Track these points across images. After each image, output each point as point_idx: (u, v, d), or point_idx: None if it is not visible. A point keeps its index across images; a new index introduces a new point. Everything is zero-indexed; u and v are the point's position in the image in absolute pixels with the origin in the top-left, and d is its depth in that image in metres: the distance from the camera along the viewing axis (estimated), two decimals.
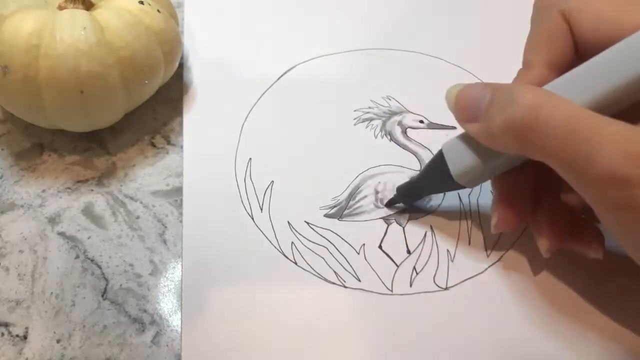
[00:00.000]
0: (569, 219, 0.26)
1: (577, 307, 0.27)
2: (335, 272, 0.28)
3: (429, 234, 0.29)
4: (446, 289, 0.27)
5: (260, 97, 0.35)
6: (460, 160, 0.25)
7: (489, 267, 0.28)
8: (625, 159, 0.19)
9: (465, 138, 0.25)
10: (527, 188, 0.26)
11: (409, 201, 0.30)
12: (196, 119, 0.34)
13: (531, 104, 0.21)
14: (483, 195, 0.30)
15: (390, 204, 0.30)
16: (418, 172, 0.30)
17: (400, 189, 0.29)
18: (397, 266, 0.28)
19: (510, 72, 0.26)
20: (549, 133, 0.20)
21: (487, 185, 0.31)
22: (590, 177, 0.20)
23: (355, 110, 0.34)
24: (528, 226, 0.28)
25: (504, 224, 0.26)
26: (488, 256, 0.28)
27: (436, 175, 0.27)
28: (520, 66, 0.26)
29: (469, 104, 0.24)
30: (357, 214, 0.30)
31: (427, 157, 0.32)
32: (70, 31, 0.28)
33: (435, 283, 0.28)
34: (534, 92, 0.21)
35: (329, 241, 0.29)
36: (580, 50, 0.25)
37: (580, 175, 0.20)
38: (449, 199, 0.30)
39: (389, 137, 0.33)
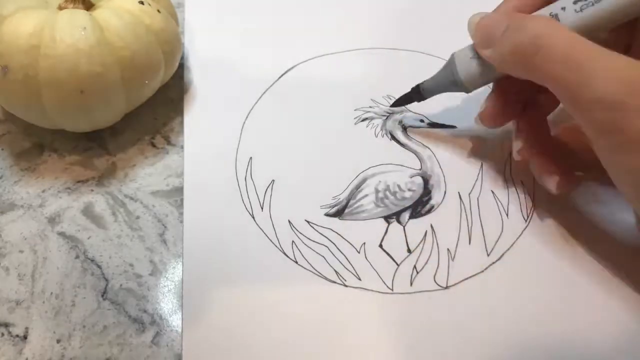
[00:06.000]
0: (548, 140, 0.29)
1: (577, 306, 0.27)
2: (335, 271, 0.28)
3: (430, 233, 0.29)
4: (446, 288, 0.27)
5: (260, 97, 0.35)
6: (467, 69, 0.28)
7: (489, 266, 0.28)
8: (617, 85, 0.21)
9: (473, 49, 0.28)
10: (522, 93, 0.28)
11: (418, 98, 0.31)
12: (196, 119, 0.34)
13: (537, 32, 0.23)
14: (483, 194, 0.30)
15: (401, 102, 0.32)
16: (432, 75, 0.31)
17: (415, 88, 0.31)
18: (398, 265, 0.28)
19: None
20: (551, 58, 0.23)
21: (487, 185, 0.31)
22: (584, 100, 0.22)
23: (355, 110, 0.34)
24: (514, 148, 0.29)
25: (488, 116, 0.29)
26: (488, 255, 0.28)
27: (446, 76, 0.29)
28: None
29: (486, 31, 0.26)
30: (357, 212, 0.30)
31: (428, 156, 0.32)
32: (70, 31, 0.28)
33: (435, 282, 0.28)
34: (541, 21, 0.24)
35: (329, 240, 0.29)
36: None
37: (575, 98, 0.22)
38: (449, 199, 0.30)
39: (389, 136, 0.33)
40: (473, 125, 0.32)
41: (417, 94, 0.31)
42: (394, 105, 0.33)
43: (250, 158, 0.32)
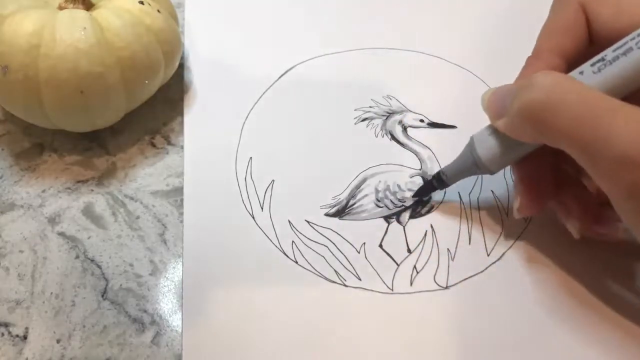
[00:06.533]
0: (593, 202, 0.26)
1: (577, 306, 0.27)
2: (335, 270, 0.28)
3: (430, 233, 0.29)
4: (446, 287, 0.27)
5: (260, 97, 0.35)
6: (487, 147, 0.26)
7: (489, 266, 0.28)
8: None
9: (491, 127, 0.26)
10: (548, 171, 0.26)
11: (441, 186, 0.29)
12: (196, 119, 0.34)
13: (546, 86, 0.21)
14: (483, 194, 0.30)
15: (423, 192, 0.30)
16: (452, 161, 0.29)
17: (437, 176, 0.29)
18: (398, 265, 0.28)
19: (510, 71, 0.26)
20: (564, 114, 0.20)
21: (487, 185, 0.31)
22: (604, 160, 0.20)
23: (355, 110, 0.34)
24: (550, 212, 0.28)
25: (526, 207, 0.26)
26: (488, 255, 0.28)
27: (466, 160, 0.27)
28: (519, 65, 0.26)
29: (497, 103, 0.24)
30: (357, 212, 0.30)
31: (428, 156, 0.32)
32: (70, 31, 0.28)
33: (435, 282, 0.28)
34: (550, 75, 0.22)
35: (329, 240, 0.29)
36: (596, 41, 0.25)
37: (594, 158, 0.20)
38: (449, 198, 0.30)
39: (389, 136, 0.33)
40: (473, 125, 0.32)
41: (440, 181, 0.29)
42: (415, 195, 0.30)
43: (250, 158, 0.32)
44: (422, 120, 0.33)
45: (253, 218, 0.29)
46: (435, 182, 0.29)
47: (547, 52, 0.25)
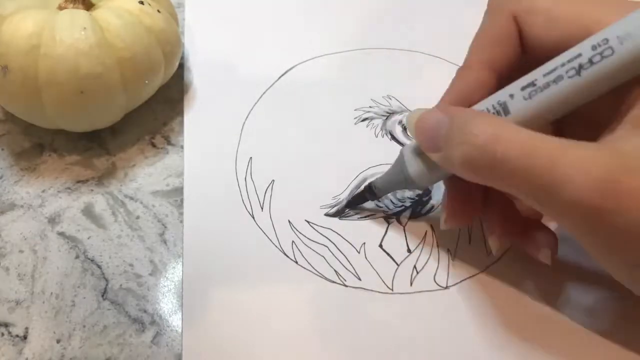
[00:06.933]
0: (521, 220, 0.26)
1: (577, 306, 0.27)
2: (335, 271, 0.28)
3: (430, 232, 0.29)
4: (447, 288, 0.27)
5: (260, 97, 0.35)
6: (416, 165, 0.25)
7: (489, 266, 0.28)
8: (592, 185, 0.19)
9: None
10: (477, 187, 0.25)
11: (372, 197, 0.29)
12: (196, 119, 0.34)
13: (486, 140, 0.20)
14: None
15: (354, 202, 0.30)
16: (384, 173, 0.29)
17: (367, 187, 0.29)
18: (398, 265, 0.28)
19: None
20: (509, 168, 0.20)
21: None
22: (558, 206, 0.20)
23: (355, 110, 0.34)
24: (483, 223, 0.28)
25: (452, 219, 0.26)
26: (488, 255, 0.28)
27: (397, 173, 0.27)
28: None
29: (428, 134, 0.23)
30: (357, 212, 0.30)
31: None
32: (70, 31, 0.28)
33: (435, 282, 0.28)
34: (488, 125, 0.21)
35: (329, 240, 0.29)
36: (529, 51, 0.24)
37: (547, 205, 0.20)
38: None
39: (389, 136, 0.33)
40: None
41: (370, 192, 0.29)
42: (348, 206, 0.30)
43: (250, 158, 0.32)
44: None
45: (253, 218, 0.29)
46: (367, 194, 0.29)
47: (477, 64, 0.25)
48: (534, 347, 0.26)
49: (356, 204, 0.30)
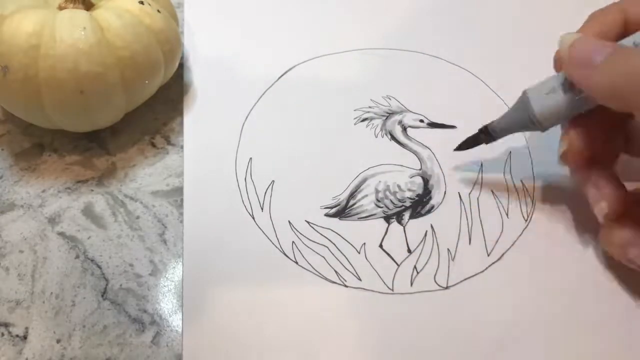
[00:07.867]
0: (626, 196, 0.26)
1: (577, 305, 0.27)
2: (336, 271, 0.28)
3: (430, 233, 0.29)
4: (447, 288, 0.27)
5: (260, 97, 0.35)
6: (544, 103, 0.26)
7: (489, 266, 0.28)
8: None
9: (548, 83, 0.26)
10: (600, 129, 0.26)
11: (487, 140, 0.29)
12: (196, 119, 0.34)
13: None
14: (483, 195, 0.30)
15: (465, 146, 0.30)
16: (502, 114, 0.29)
17: (484, 129, 0.29)
18: (398, 265, 0.28)
19: (510, 71, 0.27)
20: None
21: (488, 185, 0.31)
22: None
23: (355, 110, 0.34)
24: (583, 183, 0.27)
25: (573, 153, 0.26)
26: (488, 255, 0.28)
27: (519, 114, 0.27)
28: (518, 65, 0.26)
29: (584, 54, 0.24)
30: (357, 213, 0.30)
31: (427, 156, 0.32)
32: (70, 31, 0.28)
33: (435, 282, 0.28)
34: None
35: (329, 240, 0.29)
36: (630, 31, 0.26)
37: None
38: (449, 199, 0.30)
39: (389, 137, 0.33)
40: (473, 125, 0.32)
41: (487, 135, 0.29)
42: (458, 149, 0.30)
43: (250, 158, 0.32)
44: (421, 121, 0.33)
45: (253, 218, 0.29)
46: (482, 136, 0.29)
47: (606, 15, 0.26)
48: (534, 347, 0.26)
49: (468, 147, 0.30)
